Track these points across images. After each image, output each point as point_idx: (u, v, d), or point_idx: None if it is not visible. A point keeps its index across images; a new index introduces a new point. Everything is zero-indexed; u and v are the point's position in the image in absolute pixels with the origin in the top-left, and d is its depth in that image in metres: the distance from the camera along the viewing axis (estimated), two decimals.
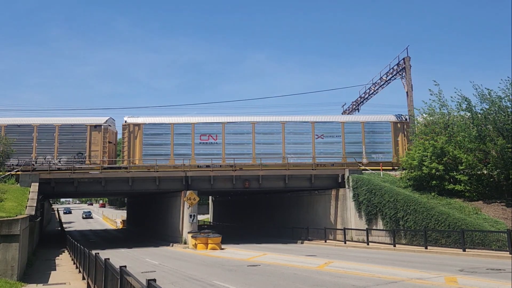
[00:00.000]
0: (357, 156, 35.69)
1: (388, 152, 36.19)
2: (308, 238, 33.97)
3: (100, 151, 34.68)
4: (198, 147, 35.38)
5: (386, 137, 36.56)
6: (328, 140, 36.25)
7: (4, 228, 15.25)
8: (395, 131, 36.58)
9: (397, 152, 35.99)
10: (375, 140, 36.59)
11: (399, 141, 36.14)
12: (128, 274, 7.01)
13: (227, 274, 17.02)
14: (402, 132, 36.47)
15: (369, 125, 36.72)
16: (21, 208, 23.89)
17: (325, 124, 36.61)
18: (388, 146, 36.37)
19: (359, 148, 36.12)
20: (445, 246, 23.40)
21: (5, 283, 14.31)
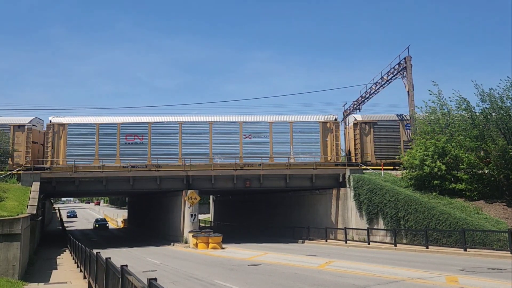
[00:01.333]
0: (285, 156, 35.26)
1: (316, 152, 35.71)
2: (309, 238, 33.98)
3: (24, 151, 33.89)
4: (123, 148, 34.67)
5: (314, 137, 36.11)
6: (256, 140, 35.69)
7: (6, 227, 15.29)
8: (324, 132, 36.01)
9: (325, 152, 35.70)
10: (303, 140, 36.11)
11: (328, 142, 35.72)
12: (129, 273, 7.02)
13: (228, 273, 17.04)
14: (331, 133, 35.98)
15: (298, 125, 36.15)
16: (22, 207, 23.93)
17: (253, 124, 36.05)
18: (316, 146, 35.88)
19: (287, 148, 35.69)
20: (446, 245, 23.39)
21: (7, 282, 14.35)
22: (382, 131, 36.90)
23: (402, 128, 36.67)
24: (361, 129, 36.87)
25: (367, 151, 36.54)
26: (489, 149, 27.08)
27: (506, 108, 27.17)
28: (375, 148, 36.49)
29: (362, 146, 36.81)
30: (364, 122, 37.00)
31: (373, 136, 36.62)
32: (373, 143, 36.56)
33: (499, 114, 27.21)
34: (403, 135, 36.49)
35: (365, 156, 36.41)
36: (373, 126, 36.87)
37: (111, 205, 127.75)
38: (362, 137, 36.74)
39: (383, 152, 36.38)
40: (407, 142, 36.09)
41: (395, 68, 38.06)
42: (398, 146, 36.31)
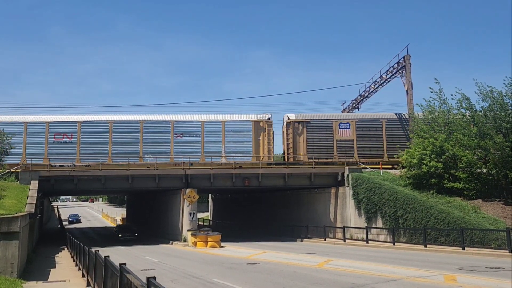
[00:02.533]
0: (217, 156, 35.13)
1: (248, 151, 35.61)
2: (307, 236, 34.01)
3: None
4: (52, 146, 34.44)
5: (247, 136, 35.98)
6: (187, 140, 35.58)
7: (4, 225, 15.27)
8: (256, 131, 35.87)
9: (258, 152, 35.51)
10: (235, 139, 36.01)
11: (260, 141, 35.60)
12: (128, 271, 7.02)
13: (227, 271, 17.05)
14: (263, 132, 35.83)
15: (230, 124, 36.04)
16: (21, 205, 23.89)
17: (185, 123, 35.90)
18: (248, 146, 35.78)
19: (219, 148, 35.60)
20: (445, 244, 23.43)
21: (5, 280, 14.34)
22: (315, 130, 36.52)
23: (336, 128, 36.38)
24: (294, 129, 36.35)
25: (299, 151, 36.15)
26: (487, 147, 27.12)
27: (505, 106, 27.17)
28: (308, 148, 36.00)
29: (295, 146, 36.20)
30: (297, 122, 36.51)
31: (306, 136, 36.18)
32: (305, 143, 36.06)
33: (499, 112, 27.22)
34: (336, 135, 36.26)
35: (297, 155, 36.10)
36: (306, 126, 36.38)
37: (110, 204, 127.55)
38: (295, 136, 36.25)
39: (315, 151, 35.95)
40: (340, 141, 35.99)
41: (394, 67, 38.09)
42: (331, 146, 36.09)
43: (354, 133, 36.38)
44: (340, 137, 36.34)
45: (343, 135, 36.39)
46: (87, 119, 35.83)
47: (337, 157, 35.57)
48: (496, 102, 27.38)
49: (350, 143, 36.21)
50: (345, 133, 36.40)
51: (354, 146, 36.19)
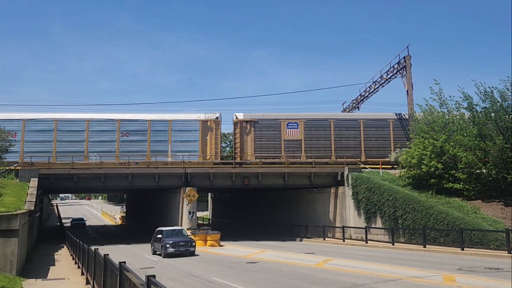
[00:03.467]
0: (163, 155, 34.88)
1: (195, 150, 35.42)
2: (307, 236, 34.03)
3: None
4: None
5: (194, 136, 35.81)
6: (133, 139, 35.27)
7: (4, 223, 15.27)
8: (204, 130, 35.72)
9: (205, 151, 35.42)
10: (182, 138, 35.78)
11: (208, 140, 35.50)
12: (127, 270, 7.02)
13: (226, 270, 17.06)
14: (211, 131, 35.72)
15: (177, 123, 35.83)
16: (20, 203, 23.87)
17: (131, 122, 35.53)
18: (195, 145, 35.58)
19: (166, 147, 35.34)
20: (444, 245, 23.45)
21: (4, 277, 14.34)
22: (263, 130, 36.33)
23: (284, 127, 36.17)
24: (242, 128, 36.17)
25: (247, 150, 35.98)
26: (487, 148, 27.12)
27: (505, 106, 27.16)
28: (255, 147, 35.82)
29: (242, 145, 36.04)
30: (245, 121, 36.33)
31: (254, 135, 36.01)
32: (253, 142, 35.88)
33: (499, 113, 27.22)
34: (284, 134, 36.08)
35: (244, 154, 35.98)
36: (254, 125, 36.19)
37: (110, 202, 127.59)
38: (242, 135, 36.09)
39: (263, 151, 35.81)
40: (288, 141, 35.86)
41: (394, 67, 38.09)
42: (279, 146, 35.91)
43: (302, 133, 36.13)
44: (288, 137, 36.13)
45: (291, 135, 36.17)
46: (32, 117, 35.25)
47: (284, 156, 35.28)
48: (496, 103, 27.37)
49: (298, 143, 35.99)
50: (293, 133, 36.15)
51: (302, 146, 35.95)
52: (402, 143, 35.74)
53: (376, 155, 36.13)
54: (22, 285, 14.28)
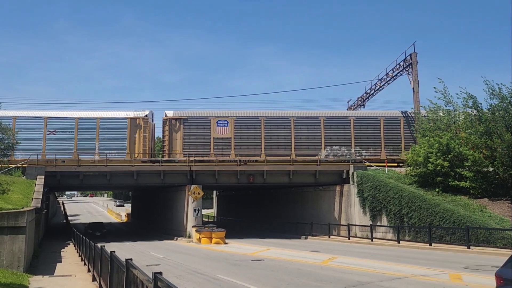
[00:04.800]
0: (91, 153, 34.51)
1: (122, 149, 35.04)
2: (312, 234, 34.02)
3: None
4: None
5: (122, 134, 35.37)
6: (60, 136, 34.78)
7: (11, 220, 15.39)
8: (132, 128, 35.31)
9: (133, 149, 34.99)
10: (110, 136, 35.34)
11: (136, 138, 35.10)
12: (134, 267, 7.05)
13: (231, 268, 17.09)
14: (140, 129, 35.35)
15: (105, 121, 35.35)
16: (27, 200, 24.06)
17: (58, 120, 35.00)
18: (123, 143, 35.18)
19: (94, 145, 34.91)
20: (450, 243, 23.35)
21: (12, 274, 14.46)
22: (192, 127, 35.98)
23: (214, 125, 35.86)
24: (171, 126, 35.79)
25: (175, 148, 35.61)
26: (494, 146, 26.92)
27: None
28: (184, 145, 35.50)
29: (171, 143, 35.66)
30: (174, 119, 35.97)
31: (183, 133, 35.68)
32: (182, 140, 35.55)
33: (507, 110, 27.00)
34: (214, 132, 35.78)
35: (173, 152, 35.65)
36: (183, 123, 35.84)
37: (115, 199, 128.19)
38: (171, 133, 35.72)
39: (192, 148, 35.43)
40: (218, 139, 35.59)
41: (400, 64, 37.93)
42: (209, 143, 35.59)
43: (232, 131, 35.83)
44: (217, 135, 35.83)
45: (221, 133, 35.86)
46: None
47: (214, 154, 35.05)
48: (505, 100, 27.12)
49: (228, 141, 35.72)
50: (223, 131, 35.84)
51: (232, 144, 35.68)
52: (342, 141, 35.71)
53: (307, 153, 35.74)
54: (30, 282, 14.39)
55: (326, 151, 35.46)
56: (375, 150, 35.88)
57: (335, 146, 35.71)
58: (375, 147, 36.12)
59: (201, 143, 35.71)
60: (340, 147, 35.89)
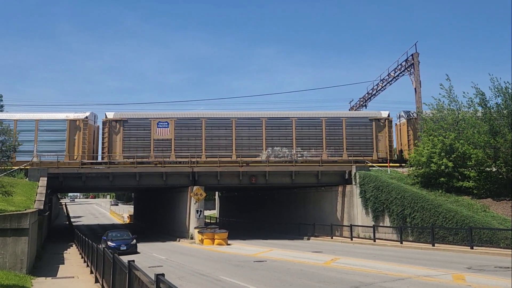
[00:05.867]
0: (29, 155, 34.05)
1: (61, 150, 34.70)
2: (314, 235, 33.98)
3: None
4: None
5: (61, 136, 35.12)
6: None
7: (14, 222, 15.43)
8: (72, 130, 35.09)
9: (72, 151, 34.76)
10: (49, 138, 34.99)
11: (76, 140, 34.88)
12: (136, 268, 7.06)
13: (234, 269, 17.08)
14: (79, 131, 35.14)
15: (44, 123, 34.99)
16: (30, 202, 24.14)
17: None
18: (62, 145, 34.87)
19: (32, 147, 34.35)
20: (453, 243, 23.28)
21: (15, 276, 14.48)
22: (133, 129, 35.66)
23: (154, 127, 35.54)
24: (111, 127, 35.47)
25: (115, 150, 35.32)
26: (498, 145, 26.80)
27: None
28: (124, 147, 35.21)
29: (111, 145, 35.33)
30: (114, 120, 35.66)
31: (123, 135, 35.38)
32: (122, 142, 35.29)
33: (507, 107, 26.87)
34: (155, 134, 35.46)
35: (113, 154, 35.34)
36: (123, 124, 35.52)
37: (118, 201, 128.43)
38: (111, 135, 35.41)
39: (132, 150, 35.16)
40: (158, 141, 35.32)
41: (402, 64, 37.89)
42: (149, 145, 35.23)
43: (172, 132, 35.61)
44: (158, 136, 35.57)
45: (162, 134, 35.61)
46: None
47: (153, 156, 34.79)
48: (510, 98, 26.94)
49: (168, 142, 35.49)
50: (164, 132, 35.58)
51: (172, 145, 35.45)
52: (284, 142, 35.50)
53: (248, 154, 35.48)
54: (33, 284, 14.41)
55: (267, 152, 35.35)
56: (316, 151, 35.68)
57: (276, 147, 35.54)
58: (317, 147, 35.88)
59: (141, 144, 35.42)
60: (281, 148, 35.72)
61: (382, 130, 36.24)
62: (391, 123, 37.10)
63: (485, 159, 27.12)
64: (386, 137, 36.15)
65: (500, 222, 22.92)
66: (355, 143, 36.00)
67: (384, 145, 36.02)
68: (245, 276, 14.98)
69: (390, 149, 36.23)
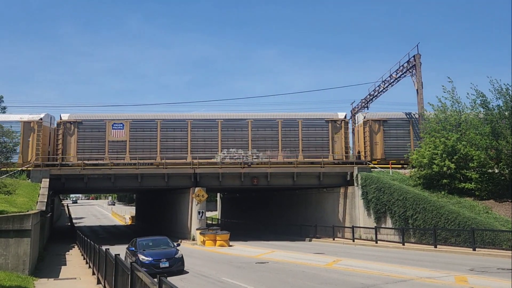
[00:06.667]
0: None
1: (16, 152, 33.34)
2: (316, 236, 33.93)
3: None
4: None
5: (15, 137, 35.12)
6: None
7: (16, 223, 15.46)
8: (26, 131, 34.55)
9: (26, 152, 34.26)
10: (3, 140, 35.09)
11: (30, 141, 34.43)
12: (138, 269, 7.06)
13: (236, 270, 17.07)
14: (34, 132, 34.66)
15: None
16: (32, 203, 24.19)
17: None
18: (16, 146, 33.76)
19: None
20: (455, 245, 23.21)
21: (17, 277, 14.51)
22: (87, 131, 35.48)
23: (109, 128, 35.20)
24: (66, 129, 35.09)
25: (70, 151, 35.03)
26: (500, 147, 26.74)
27: None
28: (78, 148, 34.87)
29: (65, 146, 35.01)
30: (69, 122, 35.32)
31: (77, 136, 35.11)
32: (76, 143, 34.97)
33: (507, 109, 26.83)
34: (109, 135, 35.18)
35: (67, 156, 34.99)
36: (78, 126, 35.27)
37: (119, 202, 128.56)
38: (65, 137, 35.02)
39: (86, 152, 34.85)
40: (113, 142, 35.01)
41: (404, 66, 37.80)
42: (103, 147, 34.99)
43: (127, 134, 35.40)
44: (113, 138, 35.30)
45: (116, 136, 35.36)
46: None
47: (108, 158, 34.55)
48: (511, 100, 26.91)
49: (123, 144, 35.26)
50: (118, 134, 35.35)
51: (127, 147, 35.21)
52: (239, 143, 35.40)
53: (203, 156, 35.16)
54: (35, 285, 14.44)
55: (223, 153, 35.16)
56: (272, 152, 35.44)
57: (232, 149, 35.26)
58: (273, 149, 35.63)
59: (96, 146, 35.17)
60: (237, 149, 35.47)
61: (339, 132, 36.07)
62: (347, 124, 37.06)
63: (487, 161, 27.05)
64: (342, 138, 36.00)
65: (503, 223, 22.85)
66: (311, 144, 35.76)
67: (340, 146, 35.88)
68: (247, 278, 14.98)
69: (346, 150, 36.18)
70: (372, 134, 36.64)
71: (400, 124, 37.28)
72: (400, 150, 35.90)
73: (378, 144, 36.69)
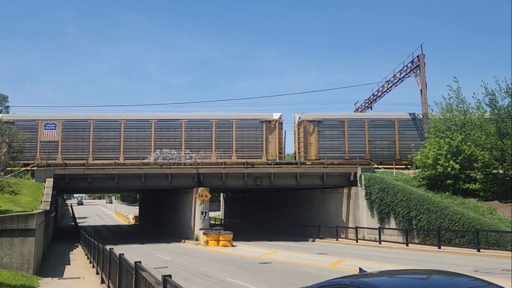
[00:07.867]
0: None
1: None
2: (319, 236, 33.89)
3: None
4: None
5: None
6: None
7: (21, 222, 15.52)
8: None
9: None
10: None
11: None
12: (143, 269, 7.08)
13: (239, 271, 17.08)
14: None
15: None
16: (36, 203, 24.31)
17: None
18: None
19: None
20: (459, 246, 23.13)
21: (22, 276, 14.57)
22: (20, 131, 33.97)
23: (41, 128, 34.94)
24: None
25: None
26: (505, 148, 26.62)
27: None
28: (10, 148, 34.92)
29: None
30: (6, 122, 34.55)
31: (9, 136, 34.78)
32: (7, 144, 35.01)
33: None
34: (41, 136, 34.94)
35: None
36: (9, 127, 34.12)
37: (123, 202, 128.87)
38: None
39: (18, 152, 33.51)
40: (45, 142, 34.76)
41: (408, 66, 37.70)
42: (35, 147, 34.72)
43: (60, 134, 35.30)
44: (45, 138, 35.17)
45: (49, 136, 35.23)
46: None
47: (40, 158, 34.25)
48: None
49: (55, 144, 35.15)
50: (51, 134, 35.23)
51: (59, 147, 35.12)
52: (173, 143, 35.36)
53: (135, 156, 35.09)
54: (39, 284, 14.50)
55: (156, 154, 35.17)
56: (206, 153, 35.47)
57: (165, 149, 35.28)
58: (206, 149, 35.66)
59: (28, 146, 34.59)
60: (170, 150, 35.50)
61: (273, 132, 36.07)
62: (282, 125, 36.93)
63: (491, 161, 26.93)
64: (276, 139, 36.01)
65: (507, 224, 22.74)
66: (244, 144, 35.79)
67: (274, 147, 35.89)
68: (250, 278, 14.98)
69: (280, 151, 36.12)
70: (307, 134, 36.39)
71: (335, 125, 36.84)
72: (335, 152, 35.86)
73: (313, 145, 36.48)
